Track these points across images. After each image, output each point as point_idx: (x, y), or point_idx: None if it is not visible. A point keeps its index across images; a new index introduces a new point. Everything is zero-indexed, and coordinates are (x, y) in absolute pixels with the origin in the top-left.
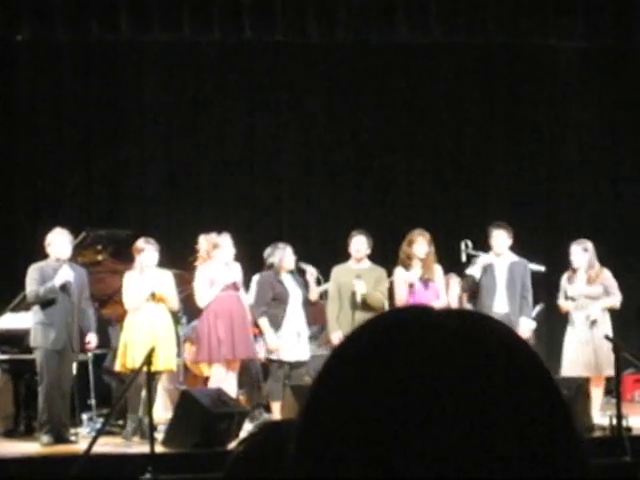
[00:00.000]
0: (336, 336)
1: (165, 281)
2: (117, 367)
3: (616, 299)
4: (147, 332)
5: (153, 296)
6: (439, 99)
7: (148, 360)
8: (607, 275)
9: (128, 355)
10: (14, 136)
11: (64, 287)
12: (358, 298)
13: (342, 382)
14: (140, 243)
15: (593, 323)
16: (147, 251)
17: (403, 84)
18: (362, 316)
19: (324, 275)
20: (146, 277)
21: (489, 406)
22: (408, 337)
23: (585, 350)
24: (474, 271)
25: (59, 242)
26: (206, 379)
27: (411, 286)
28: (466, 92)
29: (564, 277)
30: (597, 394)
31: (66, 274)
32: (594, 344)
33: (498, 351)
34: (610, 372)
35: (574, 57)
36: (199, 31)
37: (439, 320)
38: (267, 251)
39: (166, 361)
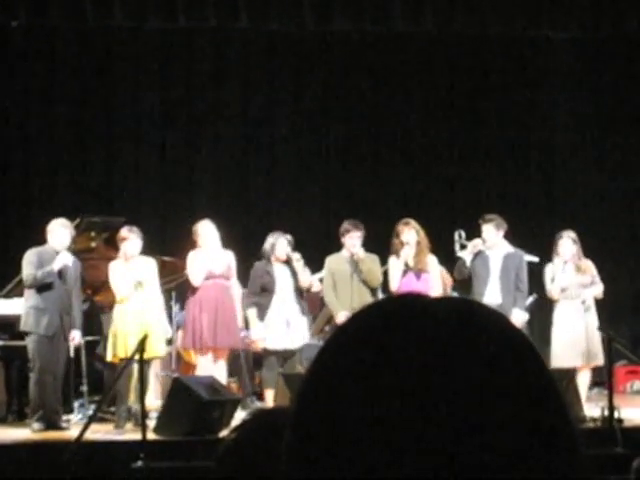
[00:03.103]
0: (342, 315)
1: (149, 268)
2: (109, 357)
3: (601, 288)
4: (136, 320)
5: (139, 284)
6: (433, 89)
7: (141, 347)
8: (592, 266)
9: (119, 344)
10: (8, 122)
11: (61, 273)
12: (359, 263)
13: (335, 370)
14: (123, 232)
15: (587, 309)
16: (130, 239)
17: (397, 74)
18: (359, 301)
19: (318, 265)
20: (131, 265)
21: (482, 396)
22: (400, 325)
23: (577, 339)
24: (465, 254)
25: (60, 233)
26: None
27: (404, 272)
28: (460, 82)
29: (556, 266)
30: (583, 383)
31: (65, 258)
32: (587, 334)
33: (491, 339)
34: (600, 362)
35: (568, 47)
36: (194, 19)
37: (431, 307)
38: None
39: (154, 348)
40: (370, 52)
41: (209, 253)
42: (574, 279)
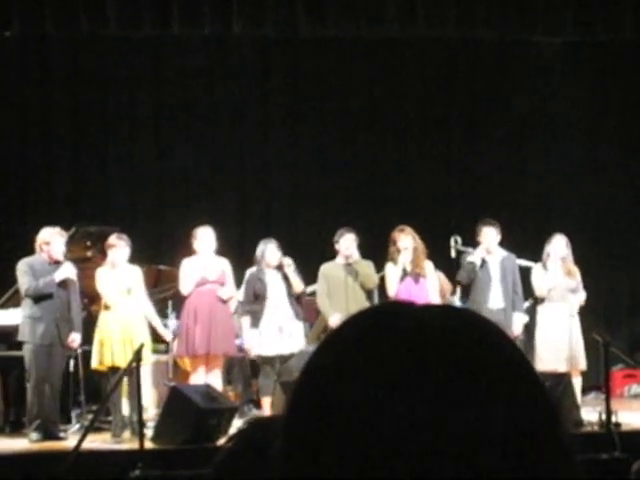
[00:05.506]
0: (335, 317)
1: (135, 277)
2: (94, 364)
3: (584, 296)
4: (122, 328)
5: (129, 291)
6: (427, 94)
7: (137, 357)
8: (578, 272)
9: (105, 352)
10: (3, 132)
11: (61, 283)
12: (354, 266)
13: (325, 378)
14: (112, 239)
15: (572, 315)
16: (118, 247)
17: (392, 79)
18: (355, 305)
19: (313, 273)
20: (118, 273)
21: (471, 402)
22: (392, 332)
23: (561, 345)
24: (475, 258)
25: (58, 244)
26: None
27: (402, 278)
28: (453, 87)
29: (548, 268)
30: (575, 388)
31: (69, 271)
32: (570, 339)
33: (481, 347)
34: (583, 367)
35: (562, 52)
36: (188, 26)
37: (424, 315)
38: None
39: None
40: (364, 57)
41: (202, 260)
42: (562, 281)
